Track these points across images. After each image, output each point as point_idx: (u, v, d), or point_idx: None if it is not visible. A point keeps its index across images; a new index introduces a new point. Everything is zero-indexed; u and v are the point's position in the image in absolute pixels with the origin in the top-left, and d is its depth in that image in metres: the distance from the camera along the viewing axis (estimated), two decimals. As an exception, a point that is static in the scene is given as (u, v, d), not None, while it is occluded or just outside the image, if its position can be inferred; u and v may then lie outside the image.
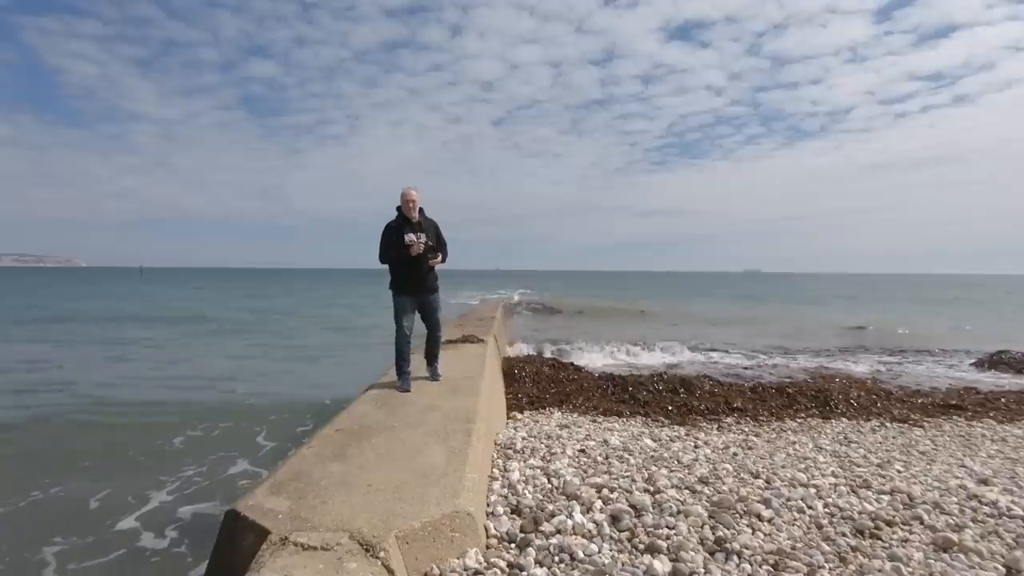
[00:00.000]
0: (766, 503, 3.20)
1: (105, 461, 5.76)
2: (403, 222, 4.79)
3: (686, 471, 3.84)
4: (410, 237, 4.71)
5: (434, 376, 5.13)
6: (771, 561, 2.51)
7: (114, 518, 4.44)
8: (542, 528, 2.74)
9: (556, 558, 2.48)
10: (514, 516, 2.94)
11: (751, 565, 2.48)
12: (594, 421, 5.63)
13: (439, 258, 4.93)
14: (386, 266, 4.88)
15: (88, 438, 6.61)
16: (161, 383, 9.86)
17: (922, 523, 3.04)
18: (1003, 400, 6.95)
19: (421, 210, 4.85)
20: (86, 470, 5.50)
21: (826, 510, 3.20)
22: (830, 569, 2.48)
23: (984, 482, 3.86)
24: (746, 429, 5.59)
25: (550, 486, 3.38)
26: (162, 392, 9.12)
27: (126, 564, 3.82)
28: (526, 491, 3.26)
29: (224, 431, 6.80)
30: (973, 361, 11.55)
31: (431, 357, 5.23)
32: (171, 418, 7.32)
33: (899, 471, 4.13)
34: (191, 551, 3.91)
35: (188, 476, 5.34)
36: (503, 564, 2.40)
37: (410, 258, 4.72)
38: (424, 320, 5.10)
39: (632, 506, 3.05)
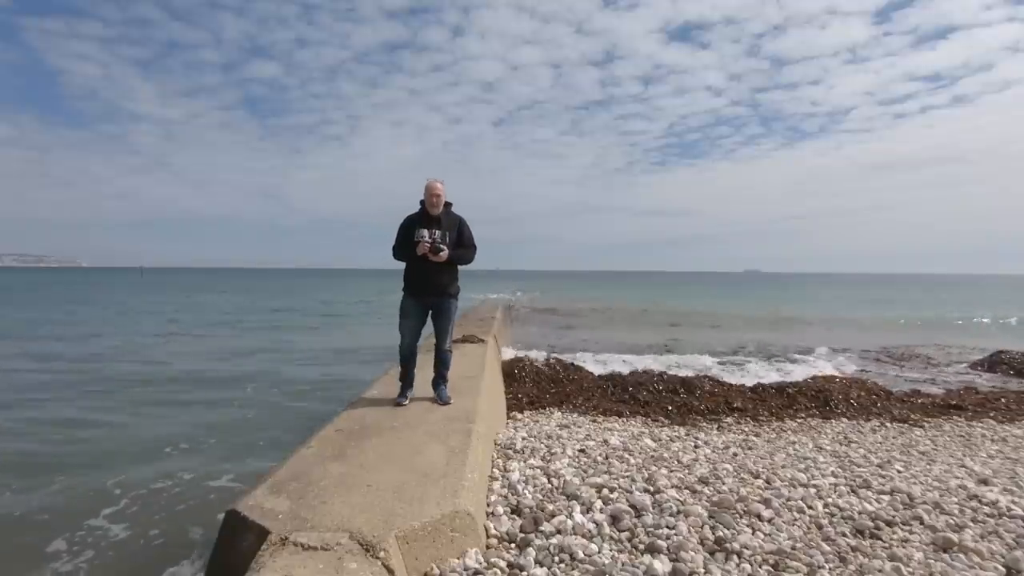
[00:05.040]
0: (766, 503, 3.20)
1: (90, 460, 5.76)
2: (421, 217, 4.33)
3: (686, 471, 3.84)
4: (421, 233, 4.23)
5: (441, 398, 4.41)
6: (771, 561, 2.51)
7: (108, 519, 4.43)
8: (542, 528, 2.75)
9: (556, 558, 2.48)
10: (514, 516, 2.94)
11: (751, 565, 2.48)
12: (594, 421, 5.63)
13: (444, 253, 4.22)
14: (403, 264, 4.45)
15: (79, 436, 6.60)
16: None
17: (922, 523, 3.04)
18: (1003, 400, 6.94)
19: (447, 205, 4.35)
20: (74, 467, 5.48)
21: (826, 510, 3.20)
22: (830, 569, 2.48)
23: (984, 482, 3.86)
24: (746, 429, 5.59)
25: (550, 486, 3.38)
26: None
27: (123, 565, 3.81)
28: (526, 491, 3.26)
29: (219, 429, 6.80)
30: (973, 361, 11.55)
31: (438, 378, 4.52)
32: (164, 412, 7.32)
33: (899, 471, 4.12)
34: (191, 551, 3.90)
35: (184, 477, 5.33)
36: (503, 564, 2.40)
37: (418, 256, 4.24)
38: (434, 328, 4.51)
39: (632, 506, 3.05)
